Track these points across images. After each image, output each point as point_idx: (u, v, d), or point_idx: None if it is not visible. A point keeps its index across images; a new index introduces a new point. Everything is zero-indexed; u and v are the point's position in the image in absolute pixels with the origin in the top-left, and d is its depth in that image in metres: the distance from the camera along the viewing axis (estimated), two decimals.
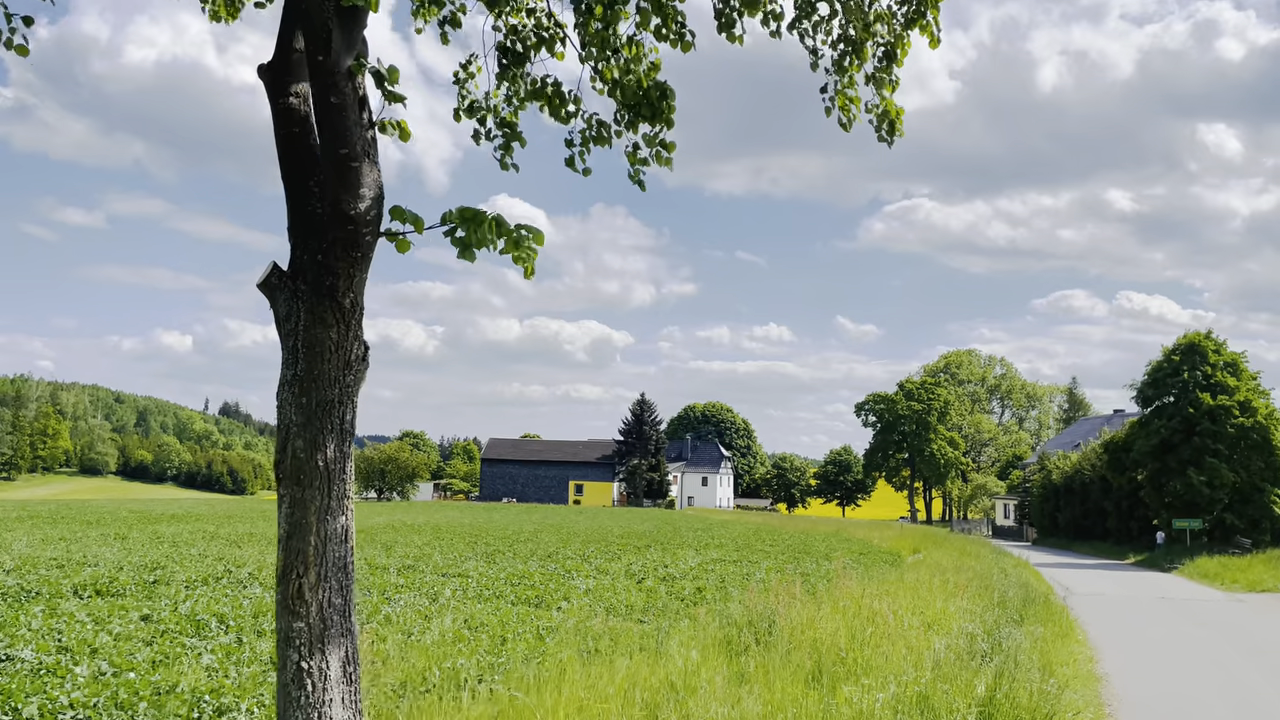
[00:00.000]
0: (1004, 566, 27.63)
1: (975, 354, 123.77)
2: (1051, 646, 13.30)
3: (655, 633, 10.04)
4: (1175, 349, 40.38)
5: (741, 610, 9.85)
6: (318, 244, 4.06)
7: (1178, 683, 12.13)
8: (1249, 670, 13.24)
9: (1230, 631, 17.46)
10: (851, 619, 10.90)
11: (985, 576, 21.93)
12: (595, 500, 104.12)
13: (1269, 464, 36.94)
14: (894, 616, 11.93)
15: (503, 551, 22.18)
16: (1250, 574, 28.47)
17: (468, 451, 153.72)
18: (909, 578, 17.01)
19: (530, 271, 4.19)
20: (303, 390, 4.00)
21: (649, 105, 4.90)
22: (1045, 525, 58.52)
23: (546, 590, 13.87)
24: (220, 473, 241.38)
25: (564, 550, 23.11)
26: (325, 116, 3.99)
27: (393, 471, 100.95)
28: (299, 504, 3.95)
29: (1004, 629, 13.37)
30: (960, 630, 11.82)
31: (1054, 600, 22.17)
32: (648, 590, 14.44)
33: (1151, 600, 23.56)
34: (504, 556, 20.39)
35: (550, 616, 11.46)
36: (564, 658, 8.51)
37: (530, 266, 4.17)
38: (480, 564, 18.23)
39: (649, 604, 12.91)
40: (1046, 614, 16.99)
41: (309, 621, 3.85)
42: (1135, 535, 44.59)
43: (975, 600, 15.37)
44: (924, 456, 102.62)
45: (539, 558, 20.32)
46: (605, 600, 13.10)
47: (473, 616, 10.76)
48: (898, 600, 13.93)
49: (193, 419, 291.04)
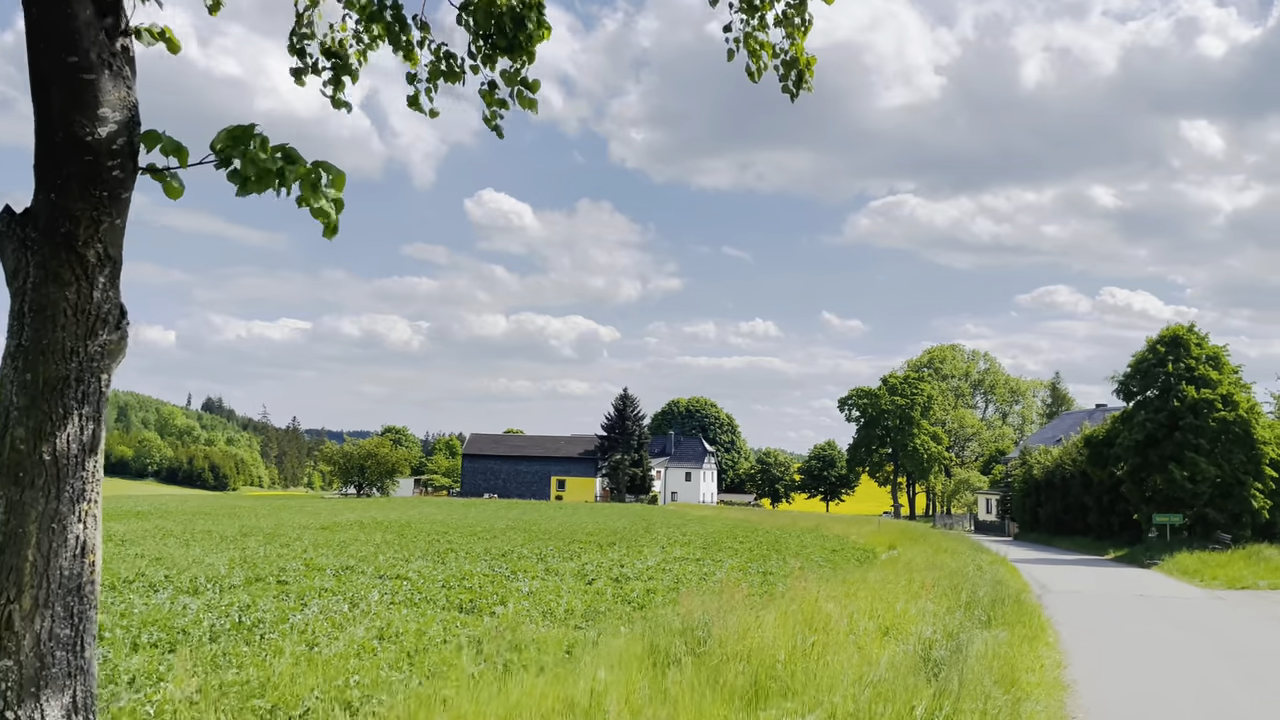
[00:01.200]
0: (980, 563, 26.95)
1: (959, 349, 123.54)
2: (1018, 651, 12.57)
3: (583, 641, 9.25)
4: (1159, 341, 39.83)
5: (679, 616, 9.07)
6: (54, 180, 3.23)
7: (1150, 691, 11.42)
8: (1224, 676, 12.56)
9: (1208, 633, 16.81)
10: (798, 625, 10.14)
11: (958, 574, 21.23)
12: (577, 496, 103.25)
13: (1250, 458, 36.44)
14: (848, 621, 11.18)
15: (458, 550, 21.35)
16: (1230, 570, 27.93)
17: (450, 447, 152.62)
18: (873, 577, 16.28)
19: (332, 228, 3.36)
20: (28, 364, 3.18)
21: (503, 34, 4.06)
22: (1027, 520, 58.08)
23: (485, 593, 13.06)
24: (202, 468, 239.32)
25: (523, 549, 22.30)
26: (47, 12, 3.15)
27: (372, 467, 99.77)
28: (17, 508, 3.12)
29: (968, 633, 12.64)
30: (918, 636, 11.07)
31: (1028, 599, 21.50)
32: (595, 592, 13.65)
33: (1129, 598, 22.93)
34: (457, 555, 19.56)
35: (479, 623, 10.65)
36: (476, 673, 7.71)
37: (332, 224, 3.34)
38: (428, 564, 17.41)
39: (591, 608, 12.12)
40: (1018, 614, 16.29)
41: (20, 659, 3.02)
42: (1116, 530, 44.12)
43: (941, 601, 14.65)
44: (907, 451, 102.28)
45: (493, 557, 19.50)
46: (545, 604, 12.31)
47: (390, 625, 9.94)
48: (857, 602, 13.19)
49: (174, 414, 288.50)
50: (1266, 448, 36.53)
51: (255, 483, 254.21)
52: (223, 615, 10.03)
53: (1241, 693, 11.49)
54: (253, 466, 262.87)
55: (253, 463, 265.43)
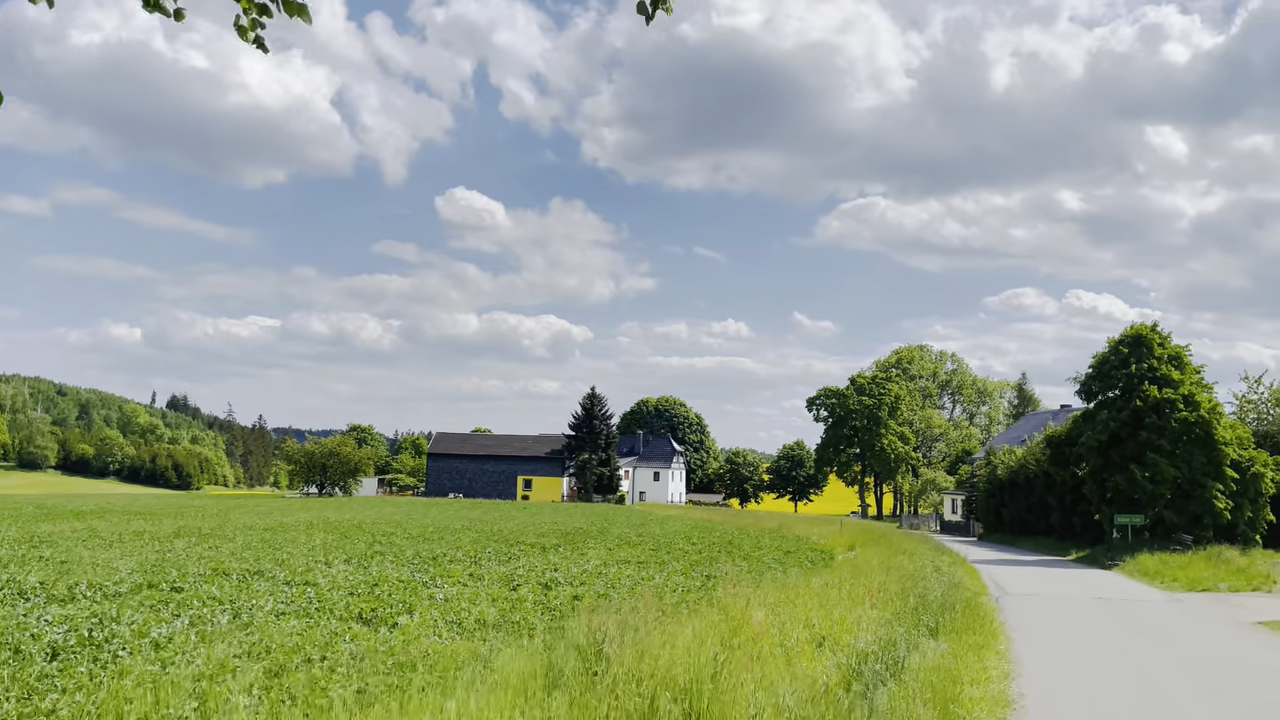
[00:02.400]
0: (939, 565, 26.31)
1: (927, 349, 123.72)
2: (963, 662, 11.80)
3: (479, 657, 8.32)
4: (1122, 341, 39.49)
5: (584, 629, 8.16)
6: None
7: (1101, 705, 10.68)
8: (1181, 688, 11.86)
9: (1166, 639, 16.17)
10: (723, 637, 9.27)
11: (914, 576, 20.51)
12: (544, 495, 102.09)
13: (1211, 459, 36.14)
14: (779, 631, 10.33)
15: (392, 553, 20.30)
16: (1190, 572, 27.50)
17: (417, 446, 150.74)
18: (818, 581, 15.45)
19: None
20: None
21: None
22: (991, 521, 57.80)
23: (394, 601, 12.07)
24: (165, 467, 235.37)
25: (460, 551, 21.28)
26: None
27: (334, 466, 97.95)
28: None
29: (911, 643, 11.85)
30: (856, 647, 10.25)
31: (984, 603, 20.83)
32: (517, 600, 12.71)
33: (1088, 601, 22.34)
34: (384, 559, 18.51)
35: (373, 636, 9.69)
36: (329, 701, 6.75)
37: None
38: (350, 568, 16.37)
39: (506, 617, 11.18)
40: (970, 620, 15.55)
41: None
42: (1078, 531, 43.79)
43: (888, 606, 13.86)
44: (875, 451, 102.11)
45: (423, 560, 18.48)
46: (457, 613, 11.34)
47: (263, 640, 8.94)
48: (796, 609, 12.35)
49: (137, 412, 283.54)
50: (1228, 449, 36.26)
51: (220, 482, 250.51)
52: (74, 629, 8.99)
53: (1199, 706, 10.79)
54: (217, 466, 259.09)
55: (217, 462, 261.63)
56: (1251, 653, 14.98)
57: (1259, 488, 36.83)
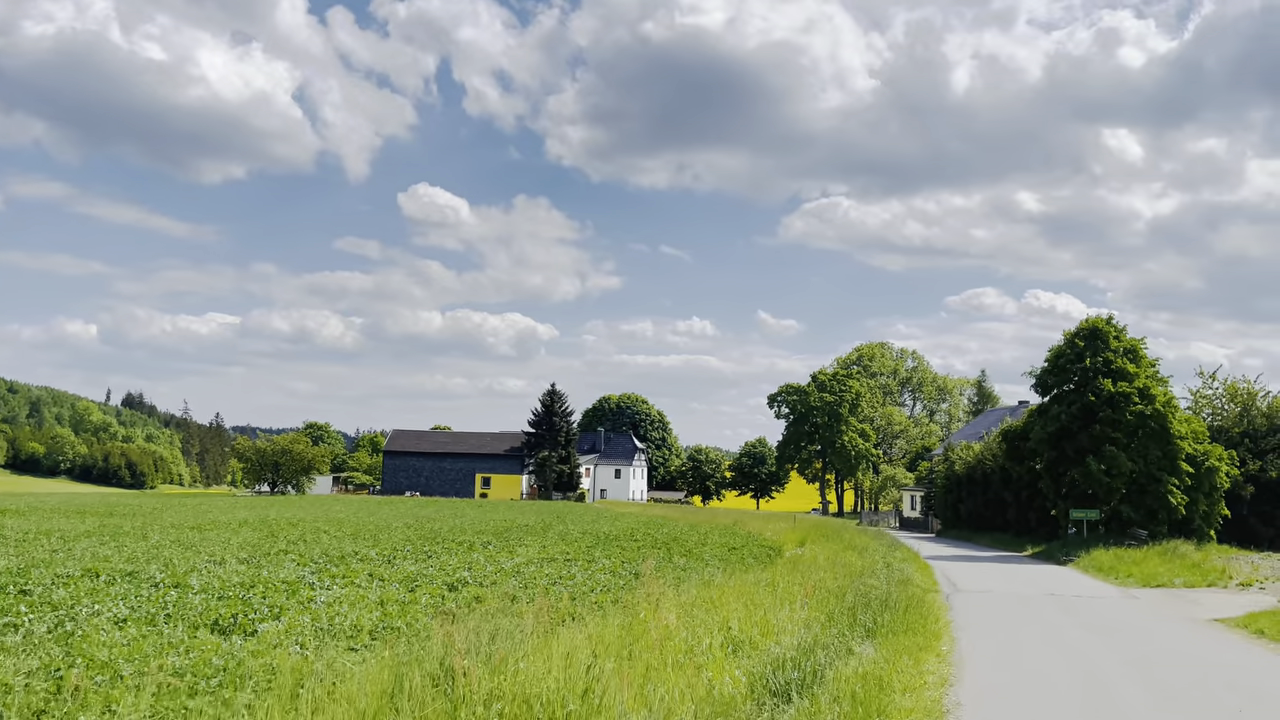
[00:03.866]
0: (890, 561, 25.47)
1: (888, 347, 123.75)
2: (898, 667, 10.77)
3: (323, 673, 7.10)
4: (1077, 333, 38.96)
5: (440, 640, 6.98)
6: None
7: (1044, 713, 9.69)
8: (1131, 689, 10.93)
9: (1119, 637, 15.31)
10: (621, 645, 8.12)
11: (861, 573, 19.58)
12: (503, 493, 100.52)
13: (1166, 453, 35.70)
14: (690, 636, 9.20)
15: (296, 551, 18.90)
16: (1145, 567, 26.88)
17: (375, 444, 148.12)
18: (749, 579, 14.36)
19: None
20: None
21: None
22: (949, 517, 57.40)
23: (266, 604, 10.79)
24: (118, 465, 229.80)
25: (374, 549, 19.92)
26: None
27: (287, 464, 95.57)
28: None
29: (844, 645, 10.80)
30: (774, 653, 9.16)
31: (933, 600, 19.93)
32: (406, 603, 11.46)
33: (1040, 598, 21.53)
34: (291, 557, 17.14)
35: (220, 646, 8.42)
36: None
37: None
38: (243, 568, 15.01)
39: (387, 623, 9.94)
40: (913, 620, 14.57)
41: None
42: (1034, 526, 43.32)
43: (823, 606, 12.81)
44: (835, 448, 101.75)
45: (331, 558, 17.15)
46: (333, 619, 10.09)
47: (76, 652, 7.65)
48: (720, 610, 11.25)
49: (90, 410, 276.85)
50: (1183, 443, 35.83)
51: (176, 481, 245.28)
52: None
53: (1149, 713, 9.84)
54: (173, 464, 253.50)
55: (173, 460, 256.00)
56: (1206, 651, 14.15)
57: (1214, 482, 36.47)
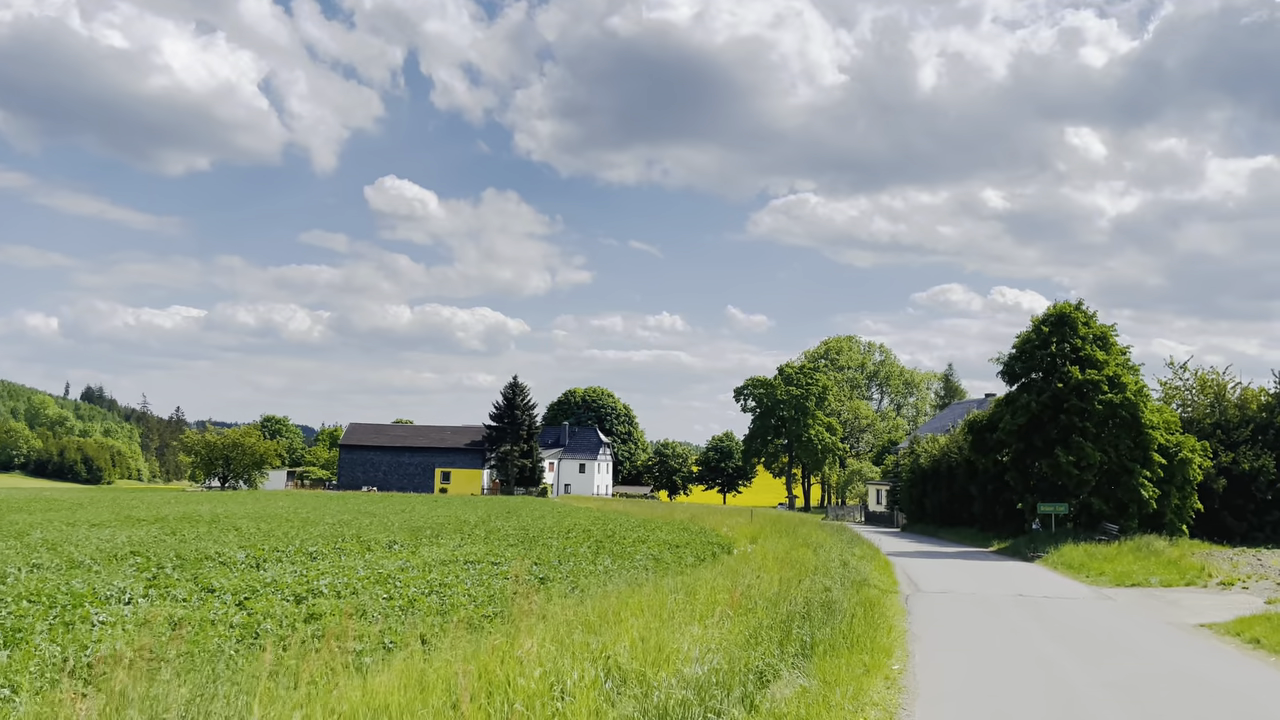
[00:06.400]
0: (847, 559, 23.53)
1: (855, 340, 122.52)
2: (837, 695, 8.78)
3: None
4: (1045, 320, 37.38)
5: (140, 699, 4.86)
6: None
7: None
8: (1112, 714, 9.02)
9: (1094, 649, 13.44)
10: (445, 684, 6.01)
11: (815, 571, 17.62)
12: (463, 488, 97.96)
13: (1138, 443, 34.17)
14: (554, 667, 7.09)
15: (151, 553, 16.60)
16: (1117, 565, 25.21)
17: (334, 437, 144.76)
18: (669, 583, 12.28)
19: None
20: None
21: None
22: (914, 511, 55.88)
23: (27, 623, 8.58)
24: (74, 460, 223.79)
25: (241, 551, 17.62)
26: None
27: (238, 458, 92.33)
28: None
29: (770, 670, 8.78)
30: (660, 697, 7.09)
31: (890, 604, 18.03)
32: (219, 620, 9.28)
33: (1008, 600, 19.71)
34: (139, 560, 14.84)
35: None
36: None
37: None
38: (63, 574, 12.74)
39: (157, 653, 7.79)
40: (863, 632, 12.59)
41: None
42: (1000, 520, 41.73)
43: (751, 618, 10.77)
44: (802, 442, 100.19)
45: (188, 560, 14.87)
46: (99, 644, 7.90)
47: None
48: (613, 630, 9.16)
49: (46, 403, 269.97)
50: (1155, 433, 34.31)
51: (134, 476, 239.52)
52: None
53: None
54: (131, 459, 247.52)
55: (131, 455, 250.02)
56: (1201, 668, 12.29)
57: (1187, 474, 34.99)
